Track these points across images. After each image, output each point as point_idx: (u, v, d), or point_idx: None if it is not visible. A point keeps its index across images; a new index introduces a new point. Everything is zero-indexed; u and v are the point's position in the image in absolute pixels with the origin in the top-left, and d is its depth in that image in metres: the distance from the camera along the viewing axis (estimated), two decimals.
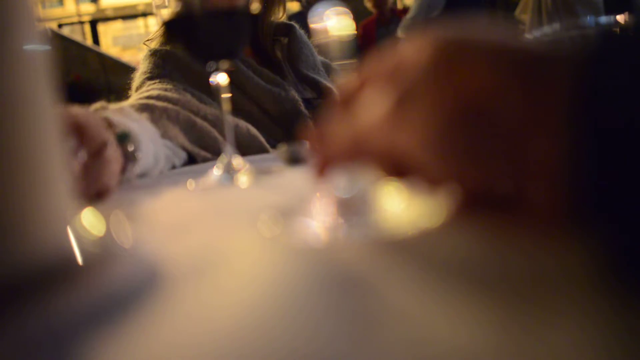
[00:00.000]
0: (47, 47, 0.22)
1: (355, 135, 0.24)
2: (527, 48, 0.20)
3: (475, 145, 0.20)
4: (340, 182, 0.27)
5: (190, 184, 0.48)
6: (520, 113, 0.19)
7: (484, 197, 0.23)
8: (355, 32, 0.30)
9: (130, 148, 0.52)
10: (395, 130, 0.21)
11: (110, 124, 0.52)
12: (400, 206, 0.27)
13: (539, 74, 0.19)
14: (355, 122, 0.24)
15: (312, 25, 0.31)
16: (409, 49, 0.22)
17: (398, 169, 0.23)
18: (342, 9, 0.30)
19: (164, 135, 0.72)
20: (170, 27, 0.48)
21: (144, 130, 0.59)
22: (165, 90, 0.81)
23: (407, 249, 0.21)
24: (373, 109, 0.22)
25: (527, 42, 0.20)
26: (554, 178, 0.19)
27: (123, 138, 0.51)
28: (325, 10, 0.30)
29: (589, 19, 2.17)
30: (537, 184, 0.19)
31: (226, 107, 0.50)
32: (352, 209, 0.26)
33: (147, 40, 0.91)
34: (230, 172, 0.49)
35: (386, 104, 0.22)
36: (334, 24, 0.29)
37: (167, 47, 0.88)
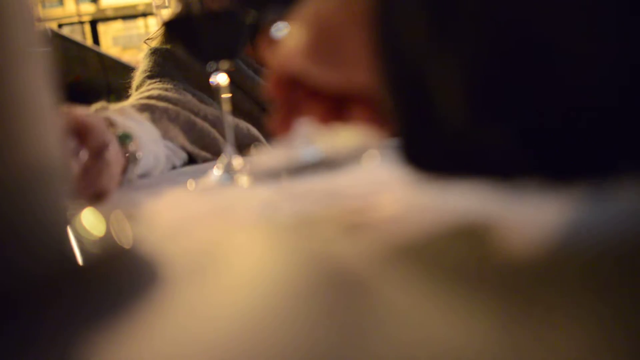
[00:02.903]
0: (47, 47, 0.22)
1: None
2: None
3: (333, 52, 0.25)
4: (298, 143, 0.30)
5: (191, 184, 0.48)
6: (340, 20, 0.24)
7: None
8: None
9: (132, 149, 0.52)
10: (288, 47, 0.27)
11: (111, 124, 0.52)
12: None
13: None
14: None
15: None
16: None
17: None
18: None
19: (165, 135, 0.72)
20: (170, 28, 0.48)
21: (145, 131, 0.59)
22: (166, 90, 0.81)
23: (407, 249, 0.21)
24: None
25: None
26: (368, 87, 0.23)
27: (124, 139, 0.51)
28: None
29: None
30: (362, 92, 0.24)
31: (226, 107, 0.50)
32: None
33: (148, 39, 0.91)
34: (230, 172, 0.49)
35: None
36: None
37: (168, 47, 0.88)
